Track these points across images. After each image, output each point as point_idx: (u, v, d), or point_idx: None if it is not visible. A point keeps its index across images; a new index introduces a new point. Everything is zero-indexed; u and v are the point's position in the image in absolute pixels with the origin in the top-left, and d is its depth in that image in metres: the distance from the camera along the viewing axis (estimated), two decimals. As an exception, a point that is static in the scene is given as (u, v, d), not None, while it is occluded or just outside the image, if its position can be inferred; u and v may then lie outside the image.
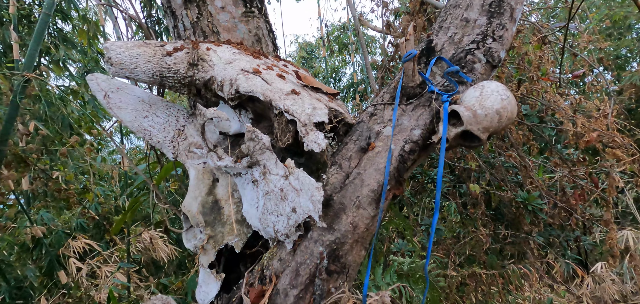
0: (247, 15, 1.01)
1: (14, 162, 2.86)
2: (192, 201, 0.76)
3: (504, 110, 0.57)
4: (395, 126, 0.65)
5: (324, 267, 0.57)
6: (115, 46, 0.71)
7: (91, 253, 3.46)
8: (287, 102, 0.66)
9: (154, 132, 0.81)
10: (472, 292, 3.36)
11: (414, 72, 0.67)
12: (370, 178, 0.62)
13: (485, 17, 0.74)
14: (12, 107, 2.73)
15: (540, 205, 3.02)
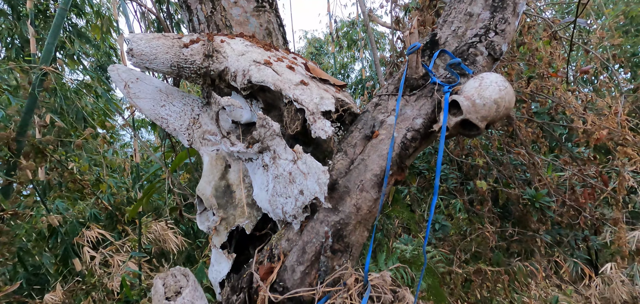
0: (258, 10, 1.06)
1: (32, 153, 2.97)
2: (206, 186, 0.81)
3: (502, 99, 0.60)
4: (399, 115, 0.69)
5: (328, 245, 0.61)
6: (137, 38, 0.77)
7: (104, 242, 3.57)
8: (296, 92, 0.70)
9: (171, 120, 0.86)
10: (477, 288, 3.36)
11: (418, 64, 0.71)
12: (373, 164, 0.66)
13: (489, 11, 0.76)
14: (30, 99, 2.83)
15: (548, 202, 3.00)
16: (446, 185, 3.50)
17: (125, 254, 3.53)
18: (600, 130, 2.52)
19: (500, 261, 3.46)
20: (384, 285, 0.61)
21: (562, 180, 3.17)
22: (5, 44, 4.80)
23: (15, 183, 2.81)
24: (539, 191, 3.04)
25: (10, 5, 4.63)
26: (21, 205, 3.01)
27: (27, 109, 2.86)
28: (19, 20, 4.68)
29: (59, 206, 3.64)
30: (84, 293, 3.15)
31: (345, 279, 0.59)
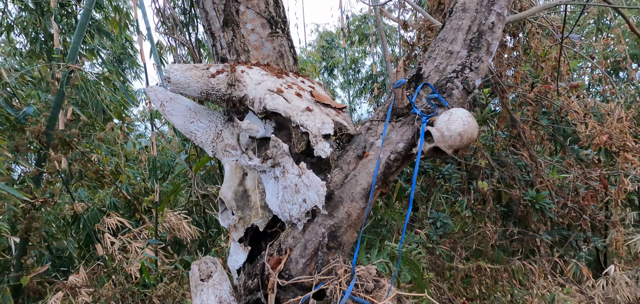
0: (272, 35, 1.23)
1: (59, 145, 3.22)
2: (227, 190, 1.00)
3: (465, 132, 0.76)
4: (385, 139, 0.86)
5: (325, 243, 0.80)
6: (174, 69, 0.95)
7: (122, 229, 3.84)
8: (302, 118, 0.88)
9: (198, 134, 1.05)
10: (477, 284, 3.50)
11: (403, 96, 0.87)
12: (362, 180, 0.83)
13: (466, 50, 0.92)
14: (58, 95, 3.08)
15: (549, 204, 3.10)
16: (450, 184, 3.64)
17: (142, 242, 3.80)
18: (600, 135, 2.61)
19: (500, 259, 3.59)
20: (368, 276, 0.79)
21: (565, 181, 3.26)
22: (30, 39, 5.08)
23: (45, 173, 3.08)
24: (540, 192, 3.15)
25: (34, 2, 4.89)
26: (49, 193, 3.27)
27: (55, 104, 3.10)
28: (43, 15, 4.94)
29: (81, 194, 3.92)
30: (105, 276, 3.41)
31: (337, 270, 0.77)
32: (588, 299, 3.75)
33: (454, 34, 0.94)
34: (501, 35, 0.90)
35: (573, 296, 3.75)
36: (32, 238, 3.00)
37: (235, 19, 1.18)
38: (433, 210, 3.54)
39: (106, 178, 3.90)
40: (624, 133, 2.52)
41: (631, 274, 3.85)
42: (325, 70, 8.96)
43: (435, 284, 3.55)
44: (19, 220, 2.94)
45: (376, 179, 0.81)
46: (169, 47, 4.84)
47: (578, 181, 3.00)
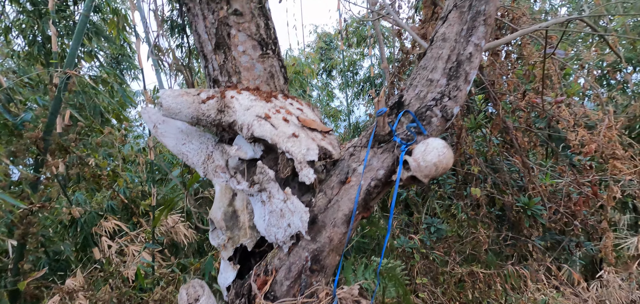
0: (263, 57, 1.28)
1: (57, 150, 3.26)
2: (217, 210, 1.04)
3: (440, 162, 0.81)
4: (366, 166, 0.90)
5: (308, 267, 0.84)
6: (166, 95, 1.00)
7: (120, 232, 3.88)
8: (288, 144, 0.93)
9: (190, 155, 1.09)
10: (470, 289, 3.56)
11: (384, 124, 0.92)
12: (344, 206, 0.88)
13: (446, 78, 0.97)
14: (56, 101, 3.12)
15: (540, 210, 3.16)
16: (444, 190, 3.70)
17: (140, 245, 3.84)
18: (590, 144, 2.66)
19: (493, 264, 3.65)
20: (349, 298, 0.84)
21: (558, 187, 3.31)
22: (28, 41, 5.10)
23: (42, 177, 3.12)
24: (532, 199, 3.20)
25: (32, 4, 4.91)
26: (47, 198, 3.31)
27: (52, 110, 3.14)
28: (40, 18, 4.96)
29: (78, 198, 3.96)
30: (102, 280, 3.45)
31: (319, 293, 0.82)
32: (582, 302, 3.81)
33: (434, 62, 0.98)
34: (479, 64, 0.94)
35: (568, 298, 3.81)
36: (29, 242, 3.04)
37: (227, 42, 1.22)
38: (427, 215, 3.59)
39: (103, 181, 3.94)
40: (613, 142, 2.57)
41: (624, 277, 3.92)
42: (324, 71, 8.99)
43: (429, 289, 3.61)
44: (16, 225, 2.97)
45: (357, 205, 0.85)
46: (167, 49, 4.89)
47: (570, 186, 3.05)
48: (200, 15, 1.21)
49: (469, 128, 3.23)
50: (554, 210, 3.18)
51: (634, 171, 2.71)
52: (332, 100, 9.04)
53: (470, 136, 3.32)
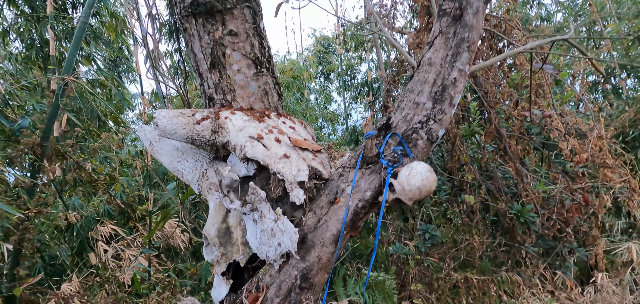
0: (257, 75, 1.31)
1: (54, 156, 3.28)
2: (210, 227, 1.08)
3: (423, 186, 0.85)
4: (354, 187, 0.94)
5: (297, 285, 0.88)
6: (161, 115, 1.03)
7: (116, 237, 3.90)
8: (279, 165, 0.96)
9: (185, 173, 1.13)
10: (464, 295, 3.60)
11: (372, 146, 0.96)
12: (332, 226, 0.92)
13: (431, 102, 1.01)
14: (53, 107, 3.14)
15: (533, 217, 3.20)
16: (439, 196, 3.74)
17: (136, 249, 3.86)
18: (581, 153, 2.71)
19: (487, 270, 3.69)
20: None
21: (551, 194, 3.36)
22: (26, 44, 5.11)
23: (39, 182, 3.14)
24: (525, 206, 3.25)
25: (31, 7, 4.92)
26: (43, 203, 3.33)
27: (50, 116, 3.17)
28: (38, 21, 4.98)
29: (74, 203, 3.97)
30: (98, 285, 3.46)
31: None
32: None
33: (421, 86, 1.03)
34: (464, 87, 0.99)
35: (562, 303, 3.86)
36: (25, 248, 3.05)
37: (222, 61, 1.26)
38: (422, 221, 3.64)
39: (100, 186, 3.96)
40: (603, 151, 2.62)
41: (617, 281, 3.97)
42: (322, 75, 9.03)
43: (424, 295, 3.65)
44: (12, 231, 2.99)
45: (345, 226, 0.90)
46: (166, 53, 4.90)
47: (563, 193, 3.10)
48: (196, 35, 1.25)
49: (464, 135, 3.28)
50: (546, 216, 3.23)
51: (624, 179, 2.76)
52: (330, 103, 9.07)
53: (465, 143, 3.37)
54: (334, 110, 8.65)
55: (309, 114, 6.72)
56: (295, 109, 6.21)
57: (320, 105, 8.41)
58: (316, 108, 8.06)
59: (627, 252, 4.16)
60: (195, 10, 1.21)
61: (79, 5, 5.30)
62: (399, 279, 3.44)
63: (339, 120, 8.30)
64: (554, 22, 7.35)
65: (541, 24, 7.01)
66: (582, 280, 4.18)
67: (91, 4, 3.62)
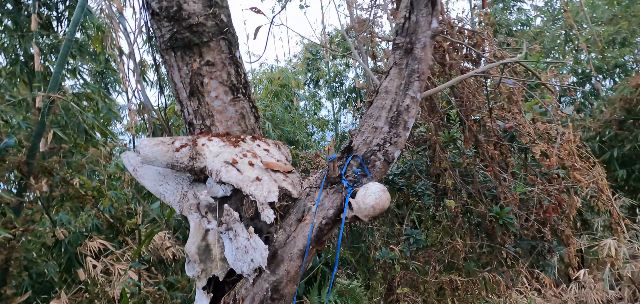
0: (234, 100, 1.43)
1: (40, 173, 3.34)
2: (191, 245, 1.19)
3: (377, 205, 0.97)
4: (319, 206, 1.06)
5: (268, 296, 0.99)
6: (143, 144, 1.14)
7: (105, 251, 3.94)
8: (252, 188, 1.08)
9: (167, 195, 1.24)
10: (449, 297, 3.75)
11: (335, 168, 1.08)
12: (299, 241, 1.04)
13: (388, 126, 1.14)
14: (39, 125, 3.21)
15: (511, 219, 3.37)
16: (422, 201, 3.89)
17: (126, 263, 3.90)
18: (552, 157, 2.88)
19: (471, 271, 3.84)
20: None
21: (529, 196, 3.52)
22: (11, 60, 5.12)
23: (25, 202, 3.19)
24: (503, 209, 3.41)
25: (15, 23, 4.95)
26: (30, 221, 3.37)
27: (36, 133, 3.23)
28: (23, 37, 5.01)
29: (62, 218, 4.00)
30: (87, 301, 3.50)
31: None
32: (563, 302, 4.03)
33: (379, 111, 1.16)
34: (416, 113, 1.12)
35: (549, 300, 4.02)
36: (12, 267, 3.09)
37: (200, 89, 1.37)
38: (407, 226, 3.77)
39: (88, 201, 3.99)
40: (572, 155, 2.80)
41: (598, 277, 4.15)
42: (311, 81, 9.15)
43: (411, 298, 3.78)
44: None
45: (310, 241, 1.01)
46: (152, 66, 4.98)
47: (541, 195, 3.27)
48: (175, 66, 1.36)
49: (443, 142, 3.43)
50: (525, 217, 3.40)
51: (593, 180, 2.94)
52: (319, 109, 9.19)
53: (444, 151, 3.53)
54: (324, 116, 8.78)
55: (298, 121, 6.83)
56: (284, 118, 6.31)
57: (310, 111, 8.53)
58: (306, 114, 8.18)
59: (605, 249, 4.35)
60: (174, 44, 1.33)
61: (64, 20, 5.33)
62: (386, 284, 3.56)
63: (328, 126, 8.42)
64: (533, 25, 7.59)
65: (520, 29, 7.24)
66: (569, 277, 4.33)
67: (76, 22, 3.69)
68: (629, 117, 5.09)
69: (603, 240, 4.34)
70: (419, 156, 3.97)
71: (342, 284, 2.20)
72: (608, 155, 5.21)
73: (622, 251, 4.05)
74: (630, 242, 4.22)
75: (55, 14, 5.28)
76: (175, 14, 1.30)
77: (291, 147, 5.44)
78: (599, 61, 6.14)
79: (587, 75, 6.03)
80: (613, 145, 5.24)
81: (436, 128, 3.37)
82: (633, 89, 4.87)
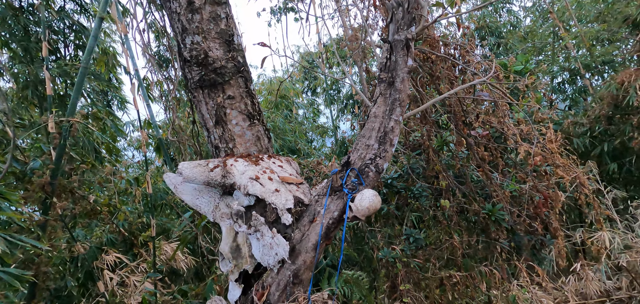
0: (251, 126, 1.78)
1: (62, 192, 3.70)
2: (224, 246, 1.52)
3: (371, 206, 1.31)
4: (326, 209, 1.40)
5: (290, 281, 1.33)
6: (185, 166, 1.48)
7: (120, 264, 4.27)
8: (273, 198, 1.42)
9: (202, 207, 1.58)
10: (449, 291, 4.08)
11: (337, 179, 1.42)
12: (312, 237, 1.37)
13: (378, 143, 1.48)
14: (60, 148, 3.57)
15: (503, 215, 3.70)
16: (420, 203, 4.22)
17: (140, 275, 4.24)
18: (535, 156, 3.21)
19: (469, 267, 4.16)
20: (320, 300, 1.32)
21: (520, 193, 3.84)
22: (21, 85, 5.47)
23: (50, 219, 3.55)
24: (495, 206, 3.74)
25: (24, 50, 5.30)
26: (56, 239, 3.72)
27: (57, 156, 3.59)
28: (32, 63, 5.37)
29: (78, 234, 4.35)
30: (107, 312, 3.82)
31: (299, 298, 1.30)
32: (562, 295, 4.32)
33: (369, 132, 1.50)
34: (399, 131, 1.46)
35: (549, 293, 4.32)
36: (40, 280, 3.44)
37: (224, 118, 1.72)
38: (406, 226, 4.10)
39: (104, 217, 4.32)
40: (554, 154, 3.12)
41: (596, 268, 4.43)
42: (309, 90, 9.49)
43: (413, 294, 4.10)
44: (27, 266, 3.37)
45: (321, 237, 1.35)
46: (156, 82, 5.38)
47: (531, 191, 3.59)
48: (203, 101, 1.71)
49: (436, 146, 3.77)
50: (516, 213, 3.73)
51: (574, 176, 3.27)
52: (318, 117, 9.49)
53: (439, 154, 3.87)
54: (323, 123, 9.10)
55: (298, 130, 7.17)
56: (284, 127, 6.65)
57: (309, 119, 8.87)
58: (305, 122, 8.52)
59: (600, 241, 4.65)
60: (202, 84, 1.67)
61: (70, 44, 5.69)
62: (389, 281, 3.88)
63: (328, 133, 8.74)
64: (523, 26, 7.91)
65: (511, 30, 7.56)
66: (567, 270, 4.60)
67: (91, 50, 4.07)
68: (617, 113, 5.42)
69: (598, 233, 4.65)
70: (415, 161, 4.30)
71: (347, 275, 2.53)
72: (599, 150, 5.53)
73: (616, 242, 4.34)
74: (624, 233, 4.51)
75: (62, 40, 5.63)
76: (203, 60, 1.64)
77: (293, 156, 5.78)
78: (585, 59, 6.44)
79: (576, 73, 6.35)
80: (603, 140, 5.56)
81: (429, 133, 3.70)
82: (619, 86, 5.21)
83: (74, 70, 5.24)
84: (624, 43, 6.54)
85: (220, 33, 1.71)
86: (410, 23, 1.41)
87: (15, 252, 3.13)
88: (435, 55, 3.04)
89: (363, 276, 2.70)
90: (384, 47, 1.48)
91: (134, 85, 4.16)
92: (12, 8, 4.82)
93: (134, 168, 7.58)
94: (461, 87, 1.80)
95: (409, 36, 1.43)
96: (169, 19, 1.72)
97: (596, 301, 4.32)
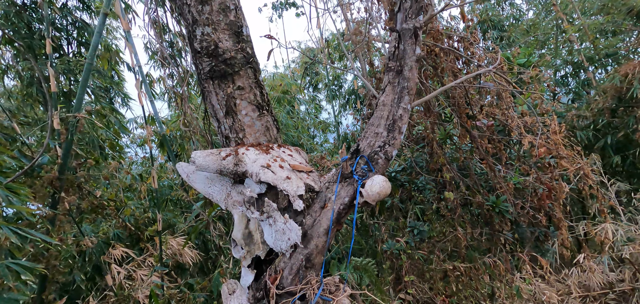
0: (260, 116, 1.81)
1: (70, 188, 3.75)
2: (237, 233, 1.56)
3: (381, 191, 1.34)
4: (337, 196, 1.43)
5: (303, 265, 1.36)
6: (197, 155, 1.51)
7: (127, 258, 4.32)
8: (284, 185, 1.45)
9: (215, 195, 1.61)
10: (453, 282, 4.11)
11: (347, 166, 1.45)
12: (324, 223, 1.41)
13: (387, 131, 1.51)
14: (67, 143, 3.61)
15: (507, 207, 3.73)
16: (424, 195, 4.26)
17: (147, 269, 4.29)
18: (540, 147, 3.24)
19: (472, 259, 4.20)
20: (332, 283, 1.36)
21: (524, 185, 3.87)
22: (25, 82, 5.52)
23: (59, 214, 3.60)
24: (499, 198, 3.77)
25: (28, 47, 5.35)
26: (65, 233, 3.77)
27: (65, 152, 3.63)
28: (36, 60, 5.41)
29: (86, 229, 4.41)
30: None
31: (311, 281, 1.34)
32: (565, 287, 4.36)
33: (378, 120, 1.53)
34: (408, 119, 1.49)
35: (553, 285, 4.36)
36: (51, 274, 3.49)
37: (234, 109, 1.75)
38: (410, 219, 4.14)
39: (111, 211, 4.38)
40: (558, 145, 3.15)
41: (599, 260, 4.46)
42: (311, 85, 9.51)
43: (418, 285, 4.14)
44: (39, 259, 3.42)
45: (332, 223, 1.38)
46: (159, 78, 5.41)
47: (535, 183, 3.61)
48: (213, 92, 1.74)
49: (440, 139, 3.80)
50: (520, 205, 3.75)
51: (578, 167, 3.30)
52: (320, 112, 9.51)
53: (442, 147, 3.90)
54: (325, 118, 9.12)
55: (300, 126, 7.20)
56: (287, 123, 6.68)
57: (311, 115, 8.89)
58: (307, 118, 8.54)
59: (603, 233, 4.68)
60: (213, 75, 1.70)
61: (73, 41, 5.72)
62: (394, 273, 3.92)
63: (330, 129, 8.76)
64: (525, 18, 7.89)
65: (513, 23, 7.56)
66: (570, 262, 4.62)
67: (95, 46, 4.10)
68: (620, 105, 5.43)
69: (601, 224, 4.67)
70: (419, 154, 4.33)
71: (356, 262, 2.58)
72: (602, 142, 5.54)
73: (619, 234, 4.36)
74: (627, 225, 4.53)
75: (65, 37, 5.67)
76: (213, 51, 1.68)
77: (297, 150, 5.81)
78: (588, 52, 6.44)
79: (580, 66, 6.35)
80: (607, 133, 5.57)
81: (432, 126, 3.73)
82: (622, 78, 5.21)
83: (77, 67, 5.27)
84: (628, 35, 6.53)
85: (229, 24, 1.74)
86: (418, 12, 1.44)
87: (25, 246, 3.18)
88: (439, 47, 3.06)
89: (372, 262, 2.75)
90: (391, 36, 1.51)
91: (139, 80, 4.20)
92: (15, 5, 4.85)
93: (137, 165, 7.64)
94: (466, 77, 1.83)
95: (417, 25, 1.46)
96: (179, 10, 1.75)
97: (599, 293, 4.35)
